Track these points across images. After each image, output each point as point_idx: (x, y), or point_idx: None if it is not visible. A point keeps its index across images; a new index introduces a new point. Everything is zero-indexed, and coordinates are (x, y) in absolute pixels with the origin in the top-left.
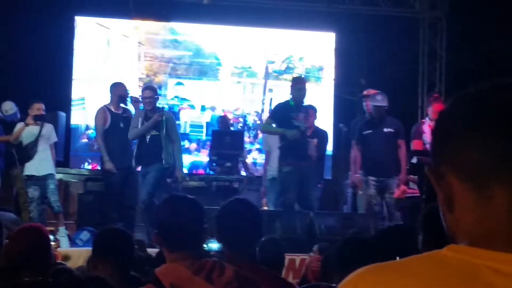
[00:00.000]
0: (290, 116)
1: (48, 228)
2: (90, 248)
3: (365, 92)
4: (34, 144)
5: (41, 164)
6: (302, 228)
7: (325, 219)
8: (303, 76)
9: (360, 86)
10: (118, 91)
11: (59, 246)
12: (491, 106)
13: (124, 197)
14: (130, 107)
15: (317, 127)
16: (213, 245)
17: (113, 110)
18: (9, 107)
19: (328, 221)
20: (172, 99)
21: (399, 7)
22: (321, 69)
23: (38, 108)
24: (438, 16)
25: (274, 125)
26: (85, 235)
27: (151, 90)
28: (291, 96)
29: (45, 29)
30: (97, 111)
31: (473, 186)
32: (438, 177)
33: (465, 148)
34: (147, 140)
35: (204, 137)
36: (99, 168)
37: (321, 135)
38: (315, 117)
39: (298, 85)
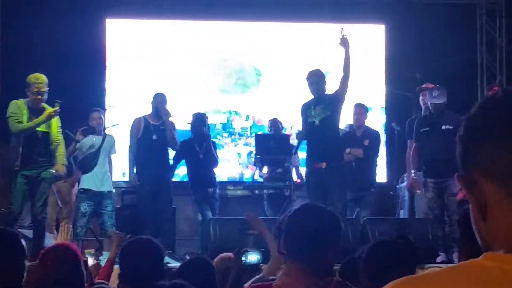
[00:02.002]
0: (308, 113)
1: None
2: None
3: (422, 86)
4: (94, 156)
5: (100, 178)
6: (354, 236)
7: (380, 225)
8: (316, 69)
9: (415, 80)
10: (154, 101)
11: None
12: None
13: (158, 210)
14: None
15: (368, 127)
16: (252, 257)
17: (149, 120)
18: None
19: (382, 227)
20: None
21: None
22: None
23: (95, 117)
24: (496, 2)
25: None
26: None
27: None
28: None
29: (75, 33)
30: (133, 121)
31: (506, 191)
32: (470, 185)
33: (499, 152)
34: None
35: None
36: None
37: (373, 136)
38: (365, 116)
39: (309, 79)
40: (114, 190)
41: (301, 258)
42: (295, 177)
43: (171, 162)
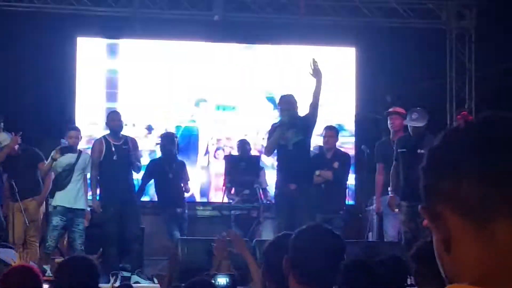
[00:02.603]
0: (280, 135)
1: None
2: None
3: (390, 110)
4: (68, 173)
5: (73, 195)
6: None
7: (349, 248)
8: (289, 94)
9: (385, 103)
10: (107, 120)
11: None
12: (486, 139)
13: (124, 231)
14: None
15: (338, 149)
16: (221, 280)
17: (109, 140)
18: (3, 138)
19: (351, 250)
20: None
21: (424, 19)
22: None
23: (72, 136)
24: (466, 27)
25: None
26: None
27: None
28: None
29: (47, 53)
30: (93, 142)
31: (473, 222)
32: (434, 217)
33: (462, 184)
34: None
35: None
36: None
37: (343, 158)
38: (336, 139)
39: (282, 105)
40: (88, 209)
41: (312, 280)
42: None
43: (136, 181)
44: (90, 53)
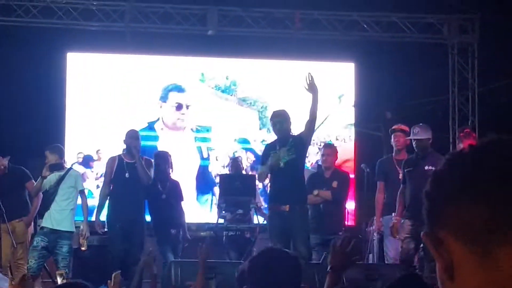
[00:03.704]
0: (272, 155)
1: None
2: None
3: (394, 127)
4: (52, 192)
5: (56, 216)
6: (321, 282)
7: (348, 270)
8: (280, 110)
9: (385, 120)
10: (125, 138)
11: None
12: (489, 164)
13: (129, 251)
14: None
15: (337, 169)
16: None
17: (123, 158)
18: None
19: (351, 272)
20: None
21: (425, 33)
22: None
23: (47, 155)
24: (468, 41)
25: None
26: None
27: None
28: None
29: (36, 67)
30: (108, 160)
31: (475, 250)
32: (437, 244)
33: (466, 211)
34: None
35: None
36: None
37: (342, 178)
38: (335, 157)
39: (273, 119)
40: (77, 229)
41: None
42: (256, 219)
43: None
44: (81, 68)
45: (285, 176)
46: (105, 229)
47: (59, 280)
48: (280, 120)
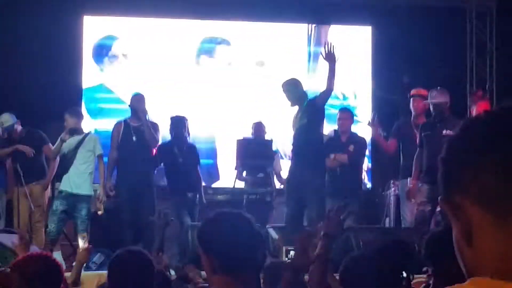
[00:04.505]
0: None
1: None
2: (103, 272)
3: (413, 91)
4: (71, 156)
5: (75, 179)
6: (337, 246)
7: (364, 234)
8: (289, 79)
9: (402, 84)
10: (131, 102)
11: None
12: (507, 131)
13: (139, 215)
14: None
15: (354, 133)
16: None
17: (129, 122)
18: (5, 119)
19: (367, 236)
20: None
21: None
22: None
23: (66, 119)
24: (487, 5)
25: None
26: (99, 257)
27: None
28: None
29: (51, 32)
30: (114, 125)
31: (494, 214)
32: (454, 208)
33: (483, 175)
34: None
35: None
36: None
37: (358, 141)
38: (351, 121)
39: (282, 88)
40: (95, 193)
41: (230, 270)
42: (277, 183)
43: None
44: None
45: (297, 141)
46: (114, 192)
47: (81, 243)
48: (287, 88)
